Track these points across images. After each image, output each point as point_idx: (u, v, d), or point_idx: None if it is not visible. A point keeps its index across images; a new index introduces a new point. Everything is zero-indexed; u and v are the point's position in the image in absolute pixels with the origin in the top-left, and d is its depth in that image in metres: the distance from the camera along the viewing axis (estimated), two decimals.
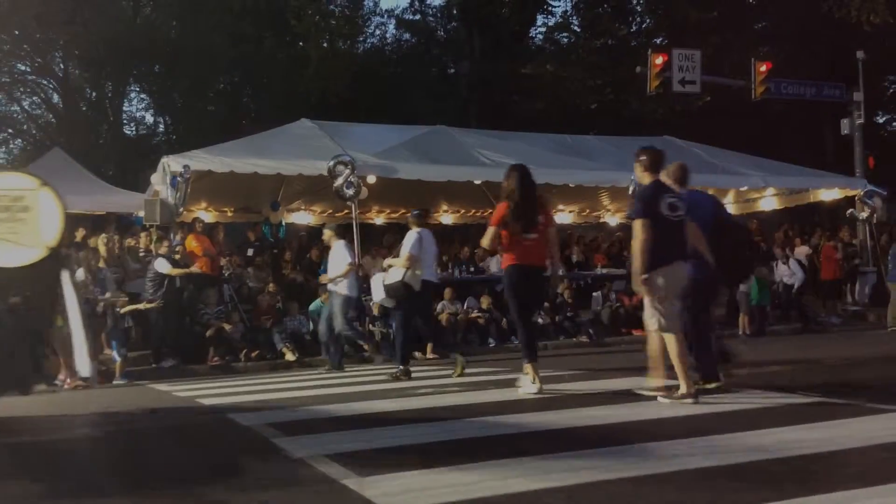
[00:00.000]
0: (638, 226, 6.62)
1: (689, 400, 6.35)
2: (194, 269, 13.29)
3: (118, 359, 11.75)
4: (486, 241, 7.83)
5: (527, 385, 7.38)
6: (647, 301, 6.77)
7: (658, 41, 26.27)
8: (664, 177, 7.16)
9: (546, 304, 15.34)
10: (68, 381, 10.94)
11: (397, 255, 10.04)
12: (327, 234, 11.96)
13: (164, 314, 12.64)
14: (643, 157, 7.00)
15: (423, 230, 9.99)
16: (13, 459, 5.48)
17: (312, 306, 13.96)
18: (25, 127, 29.93)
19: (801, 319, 16.47)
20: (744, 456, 4.31)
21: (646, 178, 6.98)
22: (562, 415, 6.01)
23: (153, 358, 12.69)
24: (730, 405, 6.23)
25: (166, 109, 29.97)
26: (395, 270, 9.86)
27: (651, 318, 6.74)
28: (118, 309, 12.40)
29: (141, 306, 12.75)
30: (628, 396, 6.86)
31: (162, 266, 12.67)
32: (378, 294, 10.64)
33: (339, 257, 11.42)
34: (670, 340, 6.60)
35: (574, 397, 7.00)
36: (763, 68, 20.09)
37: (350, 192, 13.88)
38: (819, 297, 17.66)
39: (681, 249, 6.75)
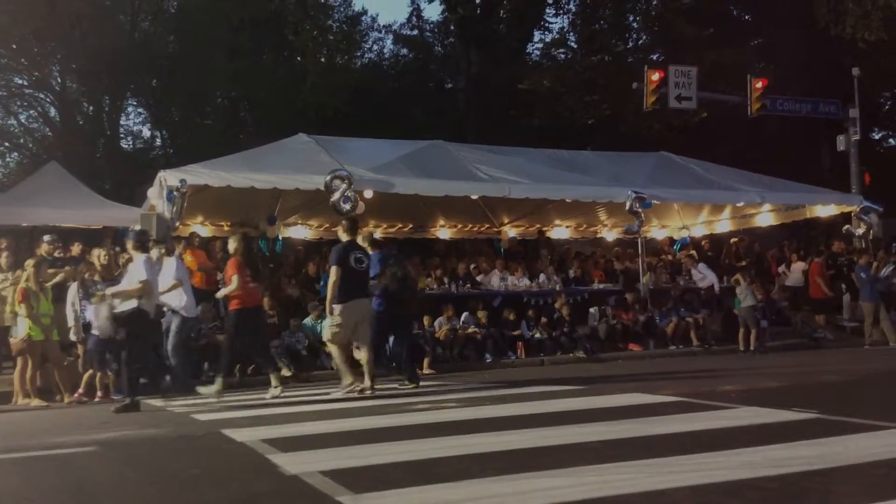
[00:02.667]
0: (332, 271, 9.66)
1: (355, 392, 9.41)
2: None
3: (111, 374, 11.68)
4: (232, 288, 9.91)
5: (208, 391, 9.69)
6: (328, 321, 9.75)
7: (654, 57, 26.38)
8: (360, 238, 10.25)
9: (543, 320, 15.37)
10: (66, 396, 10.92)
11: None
12: (156, 253, 11.17)
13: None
14: (345, 222, 10.27)
15: (150, 256, 9.88)
16: (15, 472, 5.46)
17: (306, 321, 13.94)
18: (22, 140, 29.92)
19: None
20: (738, 472, 4.30)
21: (345, 237, 10.02)
22: (558, 430, 6.00)
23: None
24: (724, 421, 6.22)
25: (163, 123, 29.98)
26: (124, 299, 9.49)
27: (326, 332, 9.87)
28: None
29: None
30: (625, 412, 6.87)
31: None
32: (97, 326, 10.50)
33: (169, 274, 11.03)
34: (333, 349, 9.87)
35: (571, 413, 6.99)
36: (759, 85, 20.17)
37: (347, 206, 13.87)
38: (814, 312, 17.66)
39: (362, 290, 9.80)
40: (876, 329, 15.81)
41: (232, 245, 10.54)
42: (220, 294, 10.71)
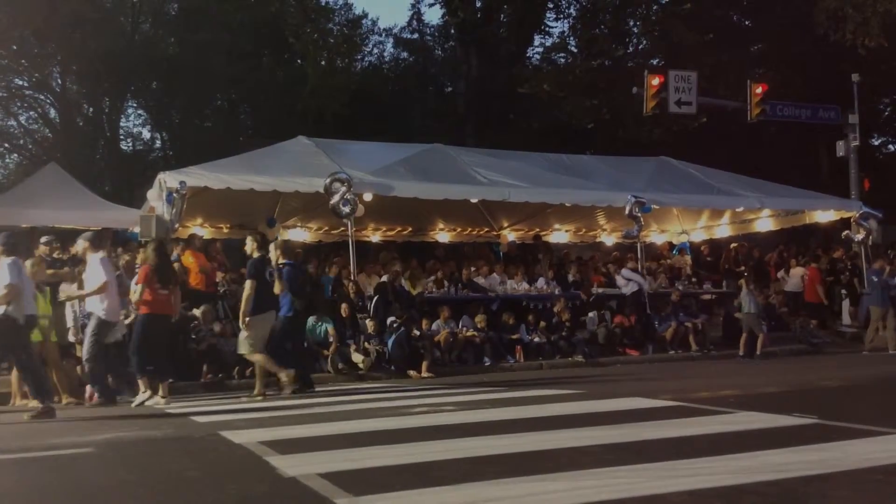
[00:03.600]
0: (247, 284, 10.31)
1: (260, 398, 9.99)
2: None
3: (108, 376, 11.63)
4: (135, 298, 10.06)
5: (141, 397, 9.86)
6: (244, 334, 10.26)
7: (654, 62, 26.41)
8: (273, 249, 10.91)
9: (542, 324, 15.36)
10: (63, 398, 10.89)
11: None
12: (82, 245, 10.51)
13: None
14: (257, 238, 10.94)
15: (17, 258, 9.10)
16: (13, 473, 5.45)
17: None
18: (22, 142, 29.92)
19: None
20: (736, 477, 4.29)
21: (255, 253, 10.61)
22: (556, 434, 5.99)
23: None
24: (722, 426, 6.21)
25: (163, 125, 30.00)
26: None
27: (245, 346, 10.27)
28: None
29: None
30: (624, 416, 6.86)
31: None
32: None
33: (95, 273, 10.10)
34: (260, 359, 10.29)
35: (569, 418, 6.98)
36: (759, 90, 20.20)
37: (346, 209, 13.89)
38: (810, 317, 17.66)
39: (275, 302, 10.60)
40: (877, 335, 15.78)
41: (145, 253, 10.69)
42: (133, 300, 10.28)
